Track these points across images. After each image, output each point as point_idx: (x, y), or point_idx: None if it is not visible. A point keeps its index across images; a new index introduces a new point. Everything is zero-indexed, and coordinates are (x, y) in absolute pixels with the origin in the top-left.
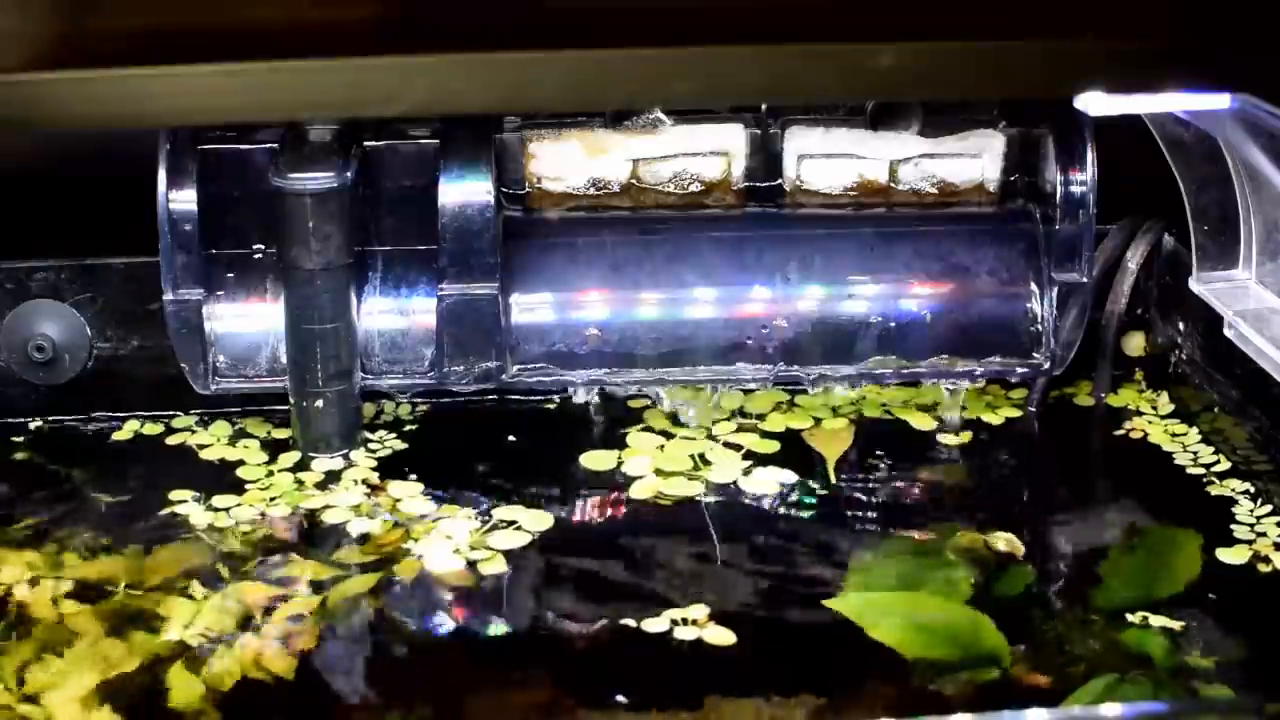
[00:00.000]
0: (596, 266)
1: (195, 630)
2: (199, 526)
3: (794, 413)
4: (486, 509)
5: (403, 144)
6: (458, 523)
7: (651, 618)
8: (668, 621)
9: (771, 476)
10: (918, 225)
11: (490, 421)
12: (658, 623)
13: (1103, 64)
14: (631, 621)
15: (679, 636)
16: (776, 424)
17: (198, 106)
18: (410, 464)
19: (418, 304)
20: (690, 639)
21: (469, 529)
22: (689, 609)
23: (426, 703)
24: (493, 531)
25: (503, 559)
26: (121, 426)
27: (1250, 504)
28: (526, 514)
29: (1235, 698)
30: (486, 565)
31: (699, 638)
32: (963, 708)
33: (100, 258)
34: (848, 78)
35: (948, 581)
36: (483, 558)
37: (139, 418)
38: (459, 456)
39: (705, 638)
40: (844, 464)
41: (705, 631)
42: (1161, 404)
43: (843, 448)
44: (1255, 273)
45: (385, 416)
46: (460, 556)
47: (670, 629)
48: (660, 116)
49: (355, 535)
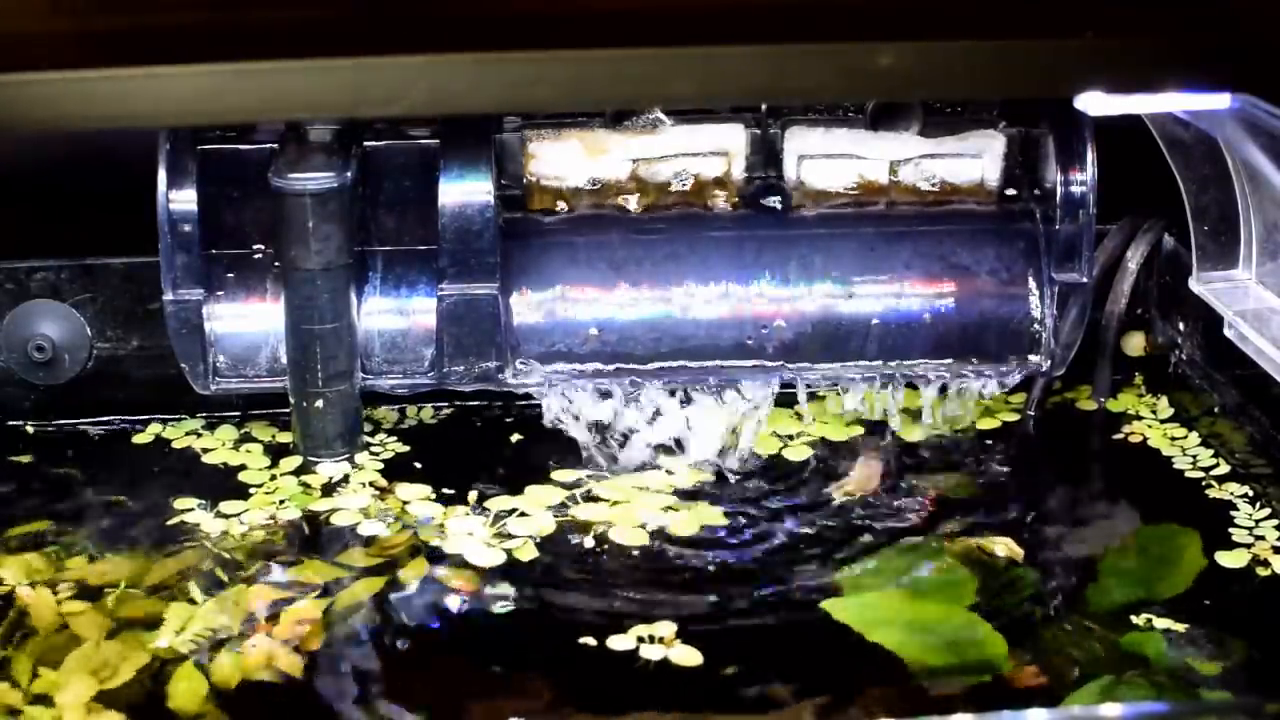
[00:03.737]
0: (596, 266)
1: (195, 632)
2: (202, 529)
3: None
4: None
5: (403, 144)
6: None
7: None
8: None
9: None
10: (918, 225)
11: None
12: (658, 628)
13: (1103, 64)
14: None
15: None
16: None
17: (198, 106)
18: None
19: (418, 304)
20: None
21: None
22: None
23: (430, 702)
24: (502, 529)
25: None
26: (121, 427)
27: (1249, 508)
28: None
29: (1234, 699)
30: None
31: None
32: (961, 709)
33: (100, 258)
34: (848, 78)
35: (947, 585)
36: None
37: (139, 419)
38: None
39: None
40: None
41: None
42: (1161, 408)
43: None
44: (1255, 273)
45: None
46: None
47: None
48: (660, 116)
49: (363, 537)
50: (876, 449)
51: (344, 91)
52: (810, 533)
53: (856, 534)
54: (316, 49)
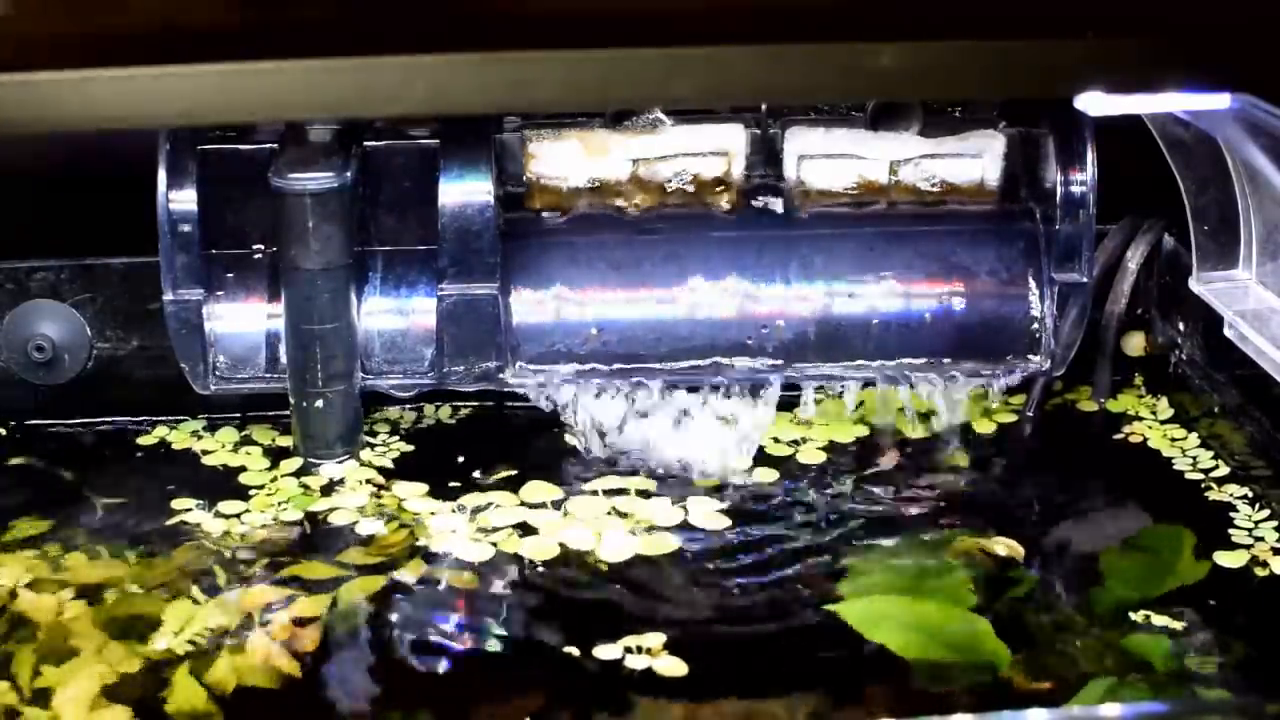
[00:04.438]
0: (596, 266)
1: (195, 632)
2: (202, 529)
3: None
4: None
5: (403, 144)
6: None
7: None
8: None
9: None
10: (918, 225)
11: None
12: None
13: (1103, 64)
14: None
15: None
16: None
17: (198, 106)
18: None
19: (418, 304)
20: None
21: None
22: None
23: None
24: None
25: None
26: (122, 428)
27: (1248, 509)
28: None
29: (1234, 699)
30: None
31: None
32: (962, 709)
33: (100, 258)
34: (848, 78)
35: (948, 586)
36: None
37: (140, 419)
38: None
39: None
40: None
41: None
42: (1161, 408)
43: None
44: (1255, 273)
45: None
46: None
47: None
48: (660, 116)
49: (361, 536)
50: (880, 449)
51: (344, 91)
52: (811, 532)
53: (857, 534)
54: (316, 49)
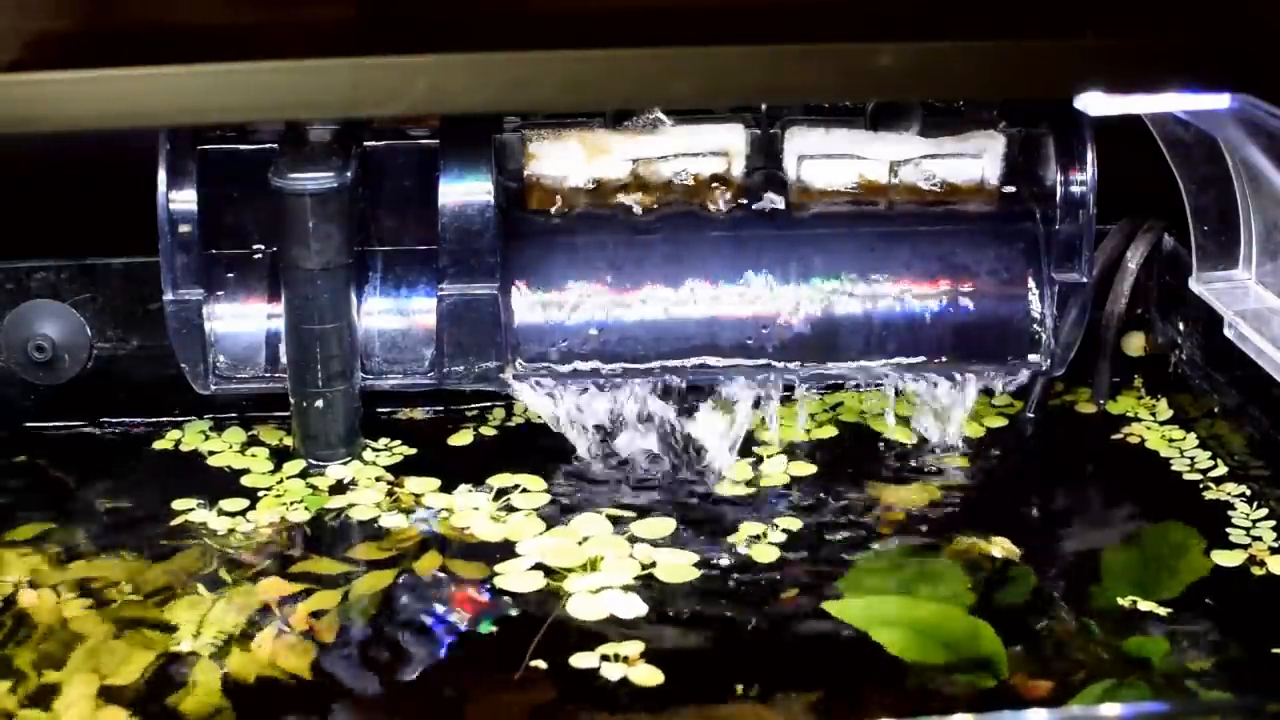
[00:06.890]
0: (596, 266)
1: (204, 630)
2: (208, 528)
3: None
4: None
5: (403, 144)
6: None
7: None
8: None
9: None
10: (918, 225)
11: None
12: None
13: (1103, 64)
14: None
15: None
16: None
17: (198, 106)
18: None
19: (418, 304)
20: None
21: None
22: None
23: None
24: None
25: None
26: (122, 428)
27: (1246, 508)
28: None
29: (1234, 699)
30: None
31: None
32: (961, 710)
33: (100, 258)
34: (848, 78)
35: (947, 586)
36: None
37: (140, 419)
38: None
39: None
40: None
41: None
42: (1160, 410)
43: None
44: (1255, 273)
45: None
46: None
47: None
48: (660, 116)
49: (373, 530)
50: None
51: (344, 91)
52: (811, 533)
53: (857, 534)
54: (316, 49)
